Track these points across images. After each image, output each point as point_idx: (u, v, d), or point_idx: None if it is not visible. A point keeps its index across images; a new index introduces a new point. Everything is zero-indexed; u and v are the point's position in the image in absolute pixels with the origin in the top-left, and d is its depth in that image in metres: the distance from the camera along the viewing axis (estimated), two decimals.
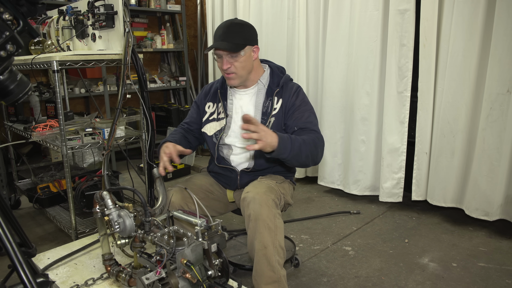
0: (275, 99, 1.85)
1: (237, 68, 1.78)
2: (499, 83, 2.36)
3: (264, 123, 1.81)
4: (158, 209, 1.60)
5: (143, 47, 4.52)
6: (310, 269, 2.21)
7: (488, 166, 2.48)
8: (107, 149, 2.26)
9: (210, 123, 1.94)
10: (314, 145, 1.68)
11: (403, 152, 2.89)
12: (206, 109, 1.97)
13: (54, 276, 1.70)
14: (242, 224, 2.79)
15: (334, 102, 3.22)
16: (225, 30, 1.76)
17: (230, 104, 1.92)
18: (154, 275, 1.27)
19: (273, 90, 1.86)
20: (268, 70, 1.93)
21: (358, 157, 3.11)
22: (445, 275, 2.11)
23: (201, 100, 2.02)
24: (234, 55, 1.75)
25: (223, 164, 1.90)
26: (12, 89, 0.90)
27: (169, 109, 4.59)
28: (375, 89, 2.96)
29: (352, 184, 3.18)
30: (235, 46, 1.74)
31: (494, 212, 2.47)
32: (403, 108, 2.85)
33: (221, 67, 1.80)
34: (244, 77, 1.83)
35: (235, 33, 1.75)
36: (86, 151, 3.78)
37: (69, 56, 2.29)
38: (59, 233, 2.74)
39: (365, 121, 3.04)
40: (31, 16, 0.89)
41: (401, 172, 2.92)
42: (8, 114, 3.16)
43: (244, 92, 1.91)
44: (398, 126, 2.89)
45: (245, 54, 1.77)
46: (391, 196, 2.96)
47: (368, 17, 2.89)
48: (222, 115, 1.91)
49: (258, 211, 1.60)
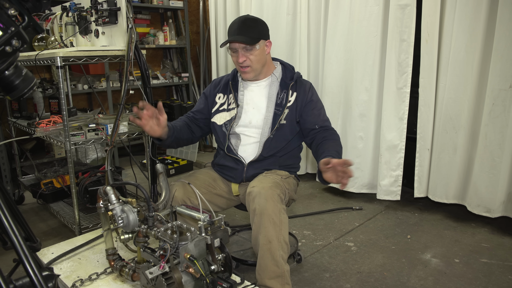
0: (290, 92, 1.91)
1: (252, 62, 1.84)
2: (502, 79, 2.35)
3: (279, 114, 1.88)
4: (161, 204, 1.61)
5: (146, 43, 4.52)
6: (313, 265, 2.22)
7: (490, 163, 2.47)
8: (110, 145, 2.27)
9: (220, 113, 1.97)
10: (340, 145, 1.84)
11: (401, 149, 2.86)
12: (216, 100, 2.01)
13: (58, 271, 1.72)
14: (245, 219, 2.80)
15: (332, 98, 3.19)
16: (240, 25, 1.82)
17: (242, 95, 1.97)
18: (158, 270, 1.28)
19: (287, 84, 1.93)
20: (280, 65, 2.00)
21: (356, 154, 3.07)
22: (448, 271, 2.12)
23: (210, 91, 2.05)
24: (249, 48, 1.82)
25: (232, 154, 1.92)
26: (17, 84, 0.91)
27: (171, 105, 4.59)
28: (374, 85, 2.94)
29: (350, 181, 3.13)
30: (251, 40, 1.80)
31: (496, 209, 2.47)
32: (402, 105, 2.82)
33: (236, 61, 1.86)
34: (258, 70, 1.89)
35: (250, 28, 1.82)
36: (89, 147, 3.79)
37: (73, 52, 2.29)
38: (63, 228, 2.75)
39: (363, 117, 3.01)
40: (36, 11, 0.89)
41: (399, 170, 2.88)
42: (12, 110, 3.17)
43: (256, 84, 1.96)
44: (397, 123, 2.85)
45: (259, 48, 1.84)
46: (389, 194, 2.93)
47: (368, 12, 2.86)
48: (233, 105, 1.96)
49: (264, 205, 1.61)
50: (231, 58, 1.91)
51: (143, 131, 2.62)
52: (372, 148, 3.03)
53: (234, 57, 1.87)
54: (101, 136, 2.48)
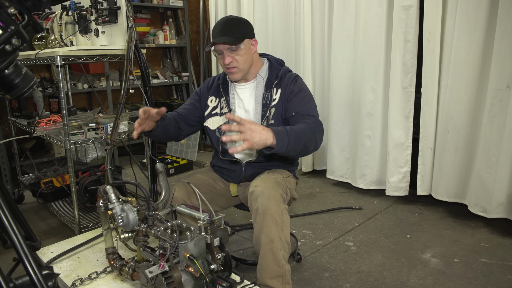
0: (274, 90, 1.86)
1: (238, 62, 1.79)
2: (500, 79, 2.35)
3: (265, 115, 1.84)
4: (161, 203, 1.61)
5: (146, 42, 4.52)
6: (312, 264, 2.22)
7: (487, 162, 2.47)
8: (110, 144, 2.27)
9: (213, 117, 1.95)
10: (312, 131, 1.63)
11: (408, 146, 2.94)
12: (209, 103, 1.98)
13: (58, 270, 1.72)
14: (245, 219, 2.80)
15: (341, 98, 3.26)
16: (222, 26, 1.78)
17: (233, 98, 1.94)
18: (157, 269, 1.28)
19: (272, 82, 1.88)
20: (267, 63, 1.94)
21: (364, 151, 3.15)
22: (447, 271, 2.12)
23: (203, 92, 2.02)
24: (234, 49, 1.77)
25: (228, 157, 1.91)
26: (17, 83, 0.91)
27: (171, 105, 4.59)
28: (380, 85, 2.99)
29: (359, 178, 3.22)
30: (235, 40, 1.76)
31: (493, 209, 2.45)
32: (408, 103, 2.88)
33: (222, 63, 1.82)
34: (245, 70, 1.85)
35: (233, 27, 1.78)
36: (89, 146, 3.79)
37: (73, 51, 2.30)
38: (63, 227, 2.75)
39: (370, 116, 3.08)
40: (36, 10, 0.89)
41: (406, 166, 2.96)
42: (12, 109, 3.17)
43: (244, 86, 1.93)
44: (403, 121, 2.92)
45: (245, 47, 1.79)
46: (398, 190, 3.00)
47: (373, 13, 2.91)
48: (225, 110, 1.93)
49: (267, 205, 1.60)
50: (218, 61, 1.87)
51: None
52: (380, 146, 3.10)
53: (220, 59, 1.82)
54: (101, 135, 2.48)
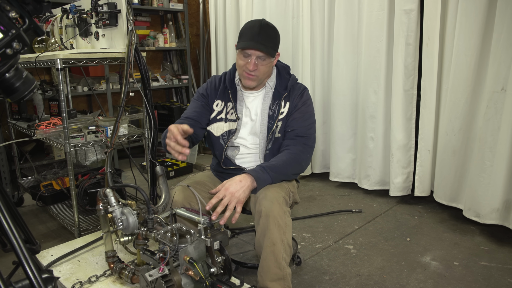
0: (283, 102, 1.84)
1: (261, 72, 1.77)
2: (495, 81, 2.35)
3: (271, 128, 1.82)
4: (161, 207, 1.60)
5: (146, 45, 4.53)
6: (312, 267, 2.22)
7: (481, 166, 2.45)
8: (110, 147, 2.27)
9: (218, 123, 1.90)
10: (295, 161, 1.73)
11: (411, 147, 2.99)
12: (214, 107, 1.92)
13: (58, 273, 1.72)
14: (245, 222, 2.80)
15: (345, 100, 3.31)
16: (261, 31, 1.72)
17: (240, 106, 1.89)
18: (157, 272, 1.28)
19: (280, 94, 1.85)
20: (275, 71, 1.90)
21: (368, 153, 3.20)
22: (447, 274, 2.12)
23: (211, 94, 1.93)
24: (264, 58, 1.74)
25: (230, 165, 1.90)
26: (18, 86, 0.91)
27: (171, 108, 4.60)
28: (382, 88, 3.03)
29: (363, 179, 3.25)
30: (272, 52, 1.74)
31: (486, 215, 2.43)
32: (410, 106, 2.93)
33: (243, 65, 1.76)
34: (262, 80, 1.84)
35: (271, 38, 1.75)
36: (89, 149, 3.79)
37: (73, 54, 2.30)
38: (62, 230, 2.75)
39: (373, 118, 3.12)
40: (37, 14, 0.89)
41: (410, 167, 3.02)
42: (12, 112, 3.17)
43: (252, 94, 1.89)
44: (405, 123, 2.96)
45: (272, 60, 1.79)
46: (402, 190, 3.04)
47: (375, 17, 2.94)
48: (232, 117, 1.88)
49: (269, 208, 1.60)
50: (238, 60, 1.79)
51: (142, 133, 2.62)
52: (382, 148, 3.13)
53: (243, 61, 1.75)
54: (101, 138, 2.48)
